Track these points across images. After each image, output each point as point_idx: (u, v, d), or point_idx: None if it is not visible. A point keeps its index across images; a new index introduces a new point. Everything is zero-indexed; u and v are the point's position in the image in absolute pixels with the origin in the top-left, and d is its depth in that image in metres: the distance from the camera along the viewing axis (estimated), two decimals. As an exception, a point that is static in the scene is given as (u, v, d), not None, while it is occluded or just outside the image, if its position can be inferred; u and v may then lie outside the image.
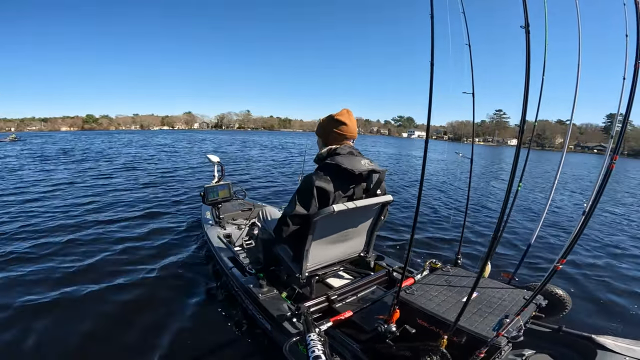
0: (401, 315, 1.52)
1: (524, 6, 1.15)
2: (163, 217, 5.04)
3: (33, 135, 50.53)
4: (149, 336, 2.27)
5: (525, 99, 1.13)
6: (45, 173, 9.69)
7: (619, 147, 1.30)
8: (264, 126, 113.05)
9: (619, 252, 4.33)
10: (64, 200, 6.12)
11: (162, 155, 15.98)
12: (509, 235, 4.57)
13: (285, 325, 1.80)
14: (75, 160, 13.04)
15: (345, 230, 2.00)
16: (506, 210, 1.24)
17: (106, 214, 5.20)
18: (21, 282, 2.96)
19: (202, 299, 2.71)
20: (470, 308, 1.53)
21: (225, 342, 2.21)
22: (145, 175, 9.50)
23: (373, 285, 2.21)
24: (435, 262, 2.12)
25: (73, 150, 18.31)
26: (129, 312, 2.55)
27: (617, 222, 6.05)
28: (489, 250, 1.31)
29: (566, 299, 2.16)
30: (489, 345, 1.30)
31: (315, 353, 1.26)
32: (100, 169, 10.79)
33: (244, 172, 10.74)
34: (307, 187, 1.75)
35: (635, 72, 1.13)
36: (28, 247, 3.77)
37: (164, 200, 6.34)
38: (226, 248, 2.78)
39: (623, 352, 1.41)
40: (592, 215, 1.27)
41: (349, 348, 1.59)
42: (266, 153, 18.28)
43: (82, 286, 2.91)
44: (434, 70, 1.21)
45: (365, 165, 1.79)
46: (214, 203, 3.39)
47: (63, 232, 4.26)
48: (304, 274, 1.93)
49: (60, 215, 5.09)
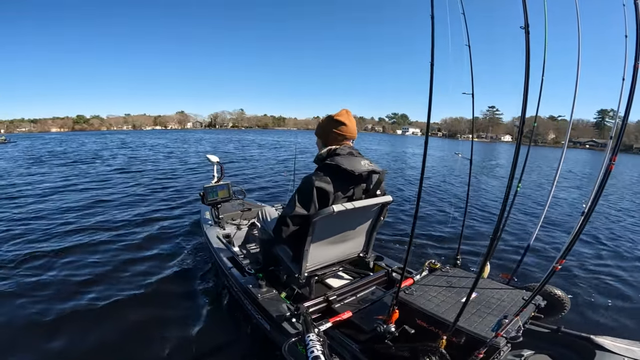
0: (400, 315, 1.52)
1: (523, 7, 1.16)
2: (162, 218, 5.03)
3: (23, 136, 50.21)
4: (148, 336, 2.27)
5: (525, 98, 1.13)
6: (40, 176, 9.56)
7: (618, 147, 1.30)
8: (257, 125, 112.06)
9: (618, 252, 4.34)
10: (58, 203, 6.11)
11: (160, 156, 15.91)
12: (508, 236, 4.58)
13: (285, 325, 1.80)
14: (68, 162, 12.80)
15: (345, 231, 1.99)
16: (505, 211, 1.24)
17: (104, 216, 5.20)
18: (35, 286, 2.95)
19: (201, 299, 2.71)
20: (469, 308, 1.53)
21: (224, 342, 2.21)
22: (144, 176, 9.50)
23: (372, 286, 2.21)
24: (435, 263, 2.12)
25: (65, 152, 17.90)
26: (128, 312, 2.54)
27: (617, 222, 6.06)
28: (488, 251, 1.31)
29: (565, 299, 2.17)
30: (488, 346, 1.30)
31: (315, 353, 1.26)
32: (97, 170, 10.78)
33: (239, 171, 10.73)
34: (307, 188, 1.75)
35: (635, 72, 1.14)
36: (29, 249, 3.77)
37: (163, 200, 6.33)
38: (225, 248, 2.78)
39: (621, 353, 1.41)
40: (591, 215, 1.27)
41: (348, 348, 1.59)
42: (266, 153, 18.27)
43: (81, 286, 2.91)
44: (433, 70, 1.21)
45: (365, 165, 1.79)
46: (213, 203, 3.39)
47: (61, 234, 4.25)
48: (303, 274, 1.93)
49: (58, 217, 5.08)
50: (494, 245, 1.30)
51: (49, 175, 9.39)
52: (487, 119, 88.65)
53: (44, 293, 2.79)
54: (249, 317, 2.25)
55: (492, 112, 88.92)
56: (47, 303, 2.65)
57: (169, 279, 3.03)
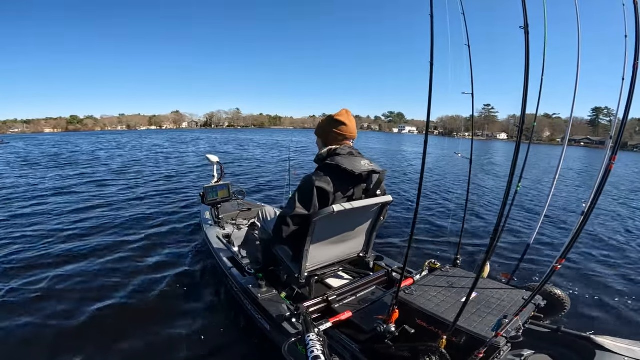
0: (400, 315, 1.52)
1: (523, 7, 1.16)
2: (162, 218, 5.03)
3: (17, 137, 49.87)
4: (148, 336, 2.27)
5: (524, 97, 1.13)
6: (35, 179, 9.43)
7: (617, 146, 1.30)
8: (254, 124, 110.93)
9: (618, 252, 4.34)
10: (58, 205, 6.11)
11: (159, 157, 15.86)
12: (508, 236, 4.58)
13: (285, 325, 1.80)
14: (65, 164, 12.54)
15: (345, 231, 1.99)
16: (505, 211, 1.24)
17: (103, 216, 5.20)
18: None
19: (201, 299, 2.71)
20: (469, 308, 1.53)
21: (224, 342, 2.21)
22: (143, 176, 9.49)
23: (372, 286, 2.21)
24: (435, 263, 2.12)
25: (62, 154, 17.43)
26: (128, 313, 2.55)
27: (617, 221, 6.06)
28: (488, 251, 1.31)
29: (565, 299, 2.17)
30: (487, 346, 1.30)
31: (315, 353, 1.25)
32: (95, 171, 10.78)
33: (239, 170, 10.73)
34: (307, 188, 1.75)
35: (635, 72, 1.14)
36: (31, 248, 3.77)
37: (163, 200, 6.33)
38: (225, 248, 2.78)
39: (622, 353, 1.41)
40: (591, 215, 1.27)
41: (348, 348, 1.58)
42: (267, 152, 18.26)
43: (80, 287, 2.91)
44: (433, 70, 1.21)
45: (365, 165, 1.79)
46: (213, 203, 3.39)
47: (58, 236, 4.25)
48: (303, 274, 1.93)
49: (56, 218, 5.08)
50: (493, 245, 1.30)
51: (42, 178, 9.36)
52: (482, 117, 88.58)
53: (44, 293, 2.79)
54: (249, 317, 2.25)
55: (488, 110, 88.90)
56: (46, 303, 2.65)
57: (168, 279, 3.03)
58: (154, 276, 3.08)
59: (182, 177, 9.41)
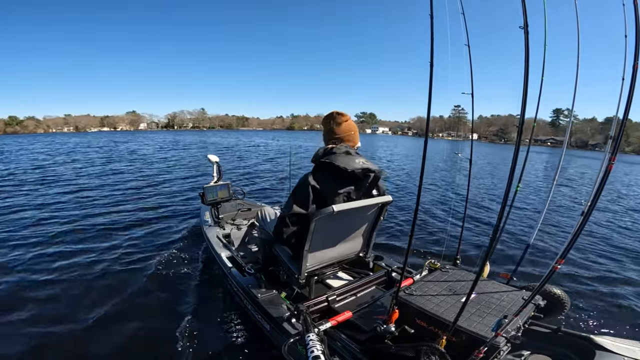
0: (400, 315, 1.52)
1: (523, 7, 1.16)
2: (161, 218, 5.03)
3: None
4: (148, 336, 2.26)
5: (524, 97, 1.13)
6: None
7: (617, 146, 1.30)
8: (220, 125, 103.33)
9: (617, 251, 4.34)
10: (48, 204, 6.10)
11: (158, 157, 15.75)
12: (508, 236, 4.58)
13: (285, 325, 1.79)
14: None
15: (345, 231, 1.99)
16: (505, 211, 1.24)
17: (101, 217, 5.19)
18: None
19: (201, 300, 2.71)
20: (469, 308, 1.53)
21: (224, 343, 2.20)
22: (142, 177, 9.49)
23: (372, 286, 2.21)
24: (434, 263, 2.12)
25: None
26: (127, 313, 2.54)
27: (616, 220, 6.06)
28: (487, 251, 1.31)
29: (565, 299, 2.16)
30: (487, 346, 1.30)
31: (315, 353, 1.25)
32: (93, 172, 10.77)
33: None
34: (302, 186, 1.76)
35: (634, 72, 1.14)
36: (32, 249, 3.76)
37: (162, 200, 6.33)
38: (225, 248, 2.78)
39: (621, 353, 1.41)
40: (591, 215, 1.27)
41: (348, 348, 1.58)
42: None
43: (80, 288, 2.91)
44: (433, 69, 1.21)
45: (359, 163, 1.79)
46: (213, 203, 3.39)
47: (58, 236, 4.25)
48: (303, 274, 1.93)
49: (52, 218, 5.07)
50: (493, 245, 1.30)
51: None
52: (453, 118, 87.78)
53: (45, 293, 2.79)
54: (249, 317, 2.25)
55: (458, 111, 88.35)
56: (45, 303, 2.65)
57: (167, 280, 3.03)
58: (153, 276, 3.08)
59: (181, 176, 9.40)
